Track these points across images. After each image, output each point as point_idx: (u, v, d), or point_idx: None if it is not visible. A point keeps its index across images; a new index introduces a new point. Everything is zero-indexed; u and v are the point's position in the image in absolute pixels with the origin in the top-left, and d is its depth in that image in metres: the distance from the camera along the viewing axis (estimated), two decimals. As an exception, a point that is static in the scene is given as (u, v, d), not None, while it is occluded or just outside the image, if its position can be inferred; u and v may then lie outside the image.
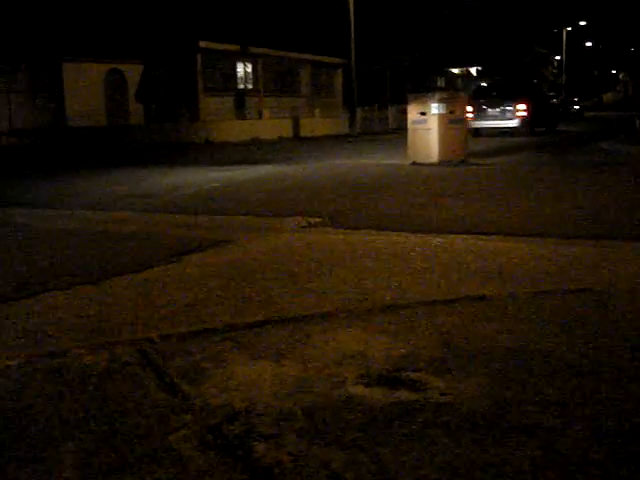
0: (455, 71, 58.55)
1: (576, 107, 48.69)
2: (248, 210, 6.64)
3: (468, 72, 62.00)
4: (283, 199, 7.64)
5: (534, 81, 34.83)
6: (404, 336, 2.73)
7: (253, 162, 13.87)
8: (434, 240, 4.77)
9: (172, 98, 28.38)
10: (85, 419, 2.07)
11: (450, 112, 11.72)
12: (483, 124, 22.65)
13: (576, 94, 51.07)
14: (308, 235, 5.18)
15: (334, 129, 31.84)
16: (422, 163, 11.59)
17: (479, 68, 63.22)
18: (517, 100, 22.53)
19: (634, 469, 1.72)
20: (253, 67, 32.13)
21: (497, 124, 22.72)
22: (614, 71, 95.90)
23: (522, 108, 22.42)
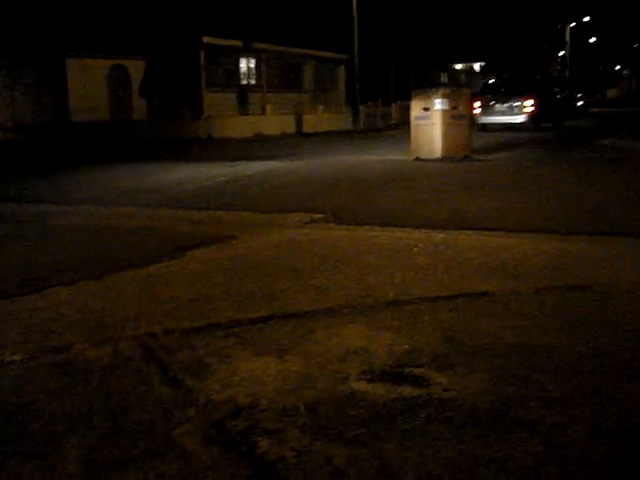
0: (458, 67, 58.41)
1: (580, 103, 48.63)
2: (252, 206, 6.64)
3: (471, 68, 61.89)
4: (286, 195, 7.64)
5: (539, 77, 34.73)
6: (407, 332, 2.73)
7: (256, 158, 13.85)
8: (437, 236, 4.77)
9: (175, 94, 28.35)
10: (88, 414, 2.08)
11: (453, 108, 11.70)
12: (490, 120, 22.61)
13: (580, 90, 50.97)
14: (311, 231, 5.18)
15: (337, 125, 31.76)
16: (425, 159, 11.56)
17: (482, 64, 63.10)
18: (524, 96, 22.50)
19: (634, 467, 1.72)
20: (256, 63, 32.09)
21: (504, 120, 22.68)
22: (618, 67, 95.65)
23: (529, 104, 22.38)
